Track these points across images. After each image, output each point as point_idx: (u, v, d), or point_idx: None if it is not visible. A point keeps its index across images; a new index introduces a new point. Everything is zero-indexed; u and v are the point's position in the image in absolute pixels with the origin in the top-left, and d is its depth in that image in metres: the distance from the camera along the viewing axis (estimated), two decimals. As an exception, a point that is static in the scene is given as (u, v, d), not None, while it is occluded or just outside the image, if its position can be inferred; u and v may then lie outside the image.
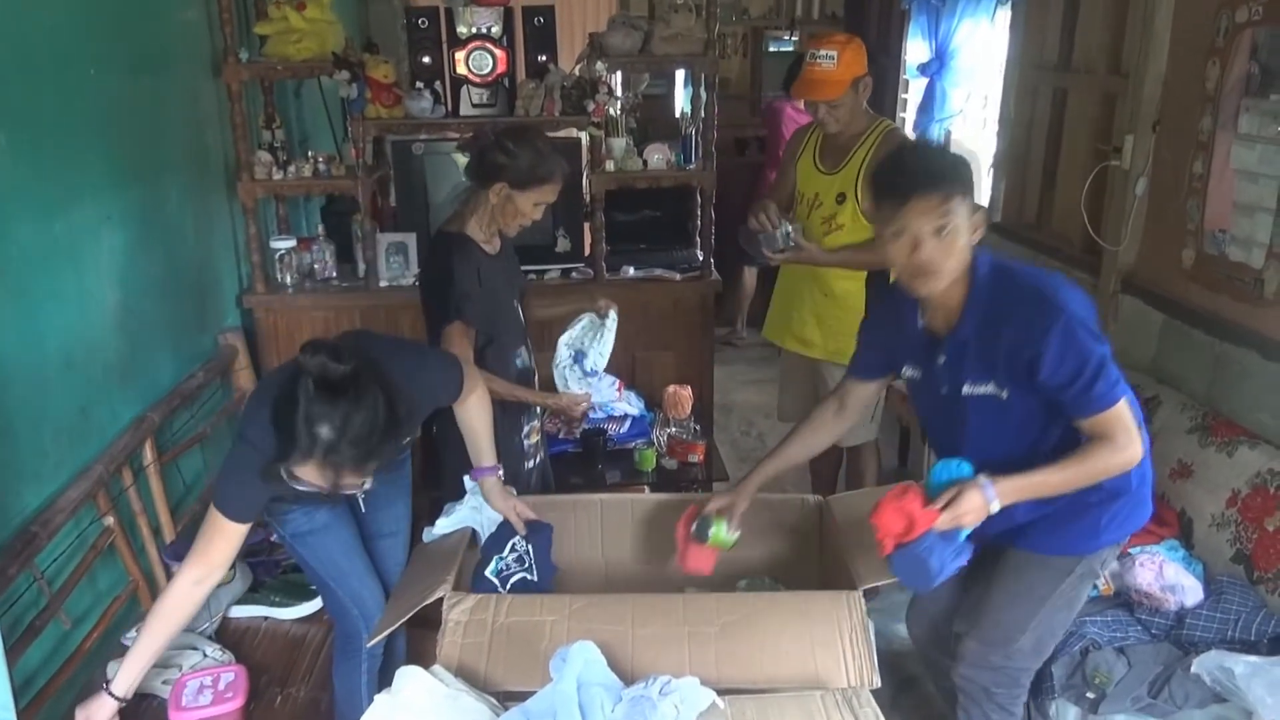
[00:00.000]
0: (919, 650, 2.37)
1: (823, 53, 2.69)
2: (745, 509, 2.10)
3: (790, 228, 2.70)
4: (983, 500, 1.73)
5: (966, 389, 1.85)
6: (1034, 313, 1.74)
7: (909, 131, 4.89)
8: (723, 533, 2.07)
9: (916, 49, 4.79)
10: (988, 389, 1.83)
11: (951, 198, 1.71)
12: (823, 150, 2.92)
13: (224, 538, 1.82)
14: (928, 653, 2.34)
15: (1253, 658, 2.04)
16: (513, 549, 2.12)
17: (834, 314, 2.93)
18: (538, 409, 2.68)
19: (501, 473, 2.20)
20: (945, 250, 1.73)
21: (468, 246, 2.42)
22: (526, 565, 2.10)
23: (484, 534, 2.15)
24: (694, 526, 2.08)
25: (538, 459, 2.69)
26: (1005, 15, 4.14)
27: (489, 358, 2.45)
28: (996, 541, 1.97)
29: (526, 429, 2.63)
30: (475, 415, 2.13)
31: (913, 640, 2.36)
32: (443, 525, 2.16)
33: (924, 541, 1.71)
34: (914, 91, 4.99)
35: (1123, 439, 1.76)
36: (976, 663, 2.08)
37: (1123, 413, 1.76)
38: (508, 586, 2.06)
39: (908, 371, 2.01)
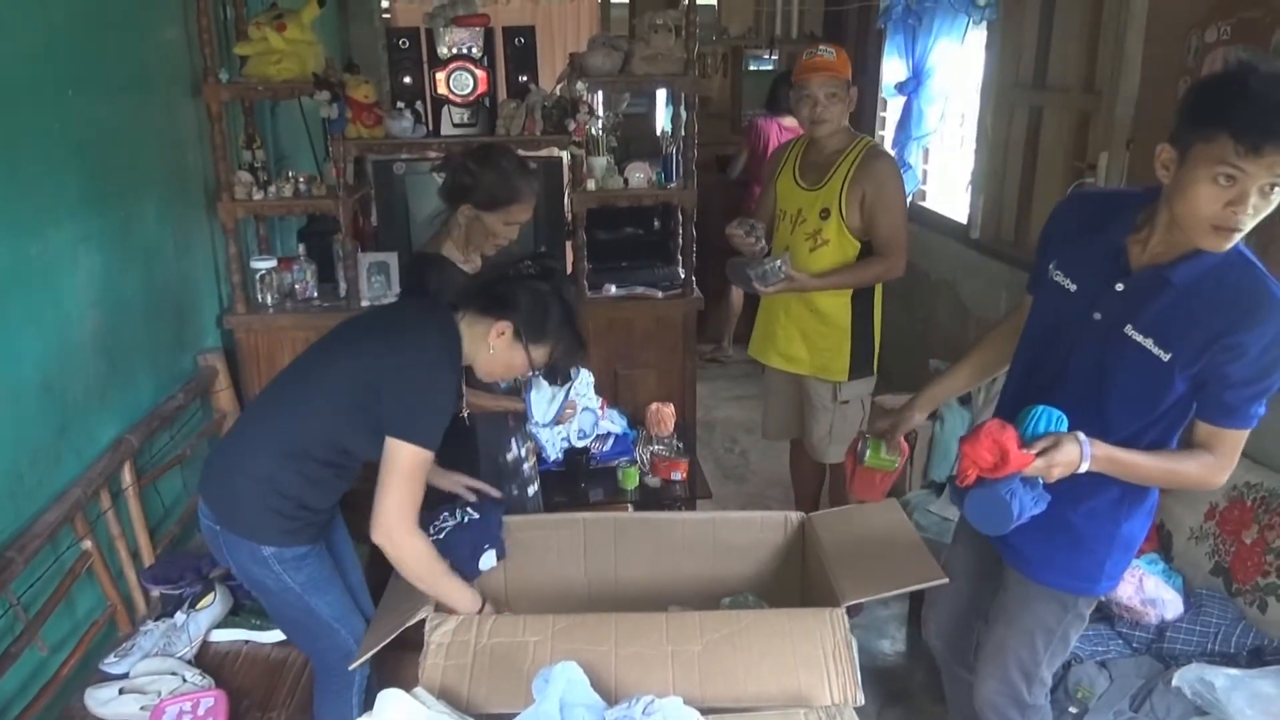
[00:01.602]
0: (935, 655, 2.32)
1: (821, 48, 2.84)
2: (905, 432, 2.05)
3: (780, 261, 2.72)
4: (1078, 457, 1.64)
5: (1129, 329, 1.69)
6: (1264, 304, 1.60)
7: (888, 149, 4.94)
8: (881, 453, 2.02)
9: (893, 68, 4.84)
10: (1149, 342, 1.68)
11: None
12: (803, 167, 2.94)
13: (424, 475, 1.83)
14: (943, 658, 2.30)
15: (1233, 670, 2.06)
16: (451, 516, 2.12)
17: (819, 330, 2.95)
18: (533, 430, 2.68)
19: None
20: (1260, 212, 1.52)
21: (445, 266, 2.43)
22: (461, 519, 2.10)
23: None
24: (858, 448, 2.06)
25: (538, 484, 2.68)
26: (975, 36, 4.20)
27: (471, 378, 2.45)
28: (1010, 560, 1.95)
29: (523, 450, 2.63)
30: None
31: (929, 646, 2.33)
32: None
33: (1009, 483, 1.64)
34: (892, 110, 5.04)
35: (1226, 462, 1.69)
36: (1007, 705, 2.02)
37: (1238, 442, 1.69)
38: (442, 536, 2.05)
39: (1057, 275, 1.83)
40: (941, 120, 4.60)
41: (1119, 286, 1.73)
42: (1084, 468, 1.66)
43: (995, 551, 1.98)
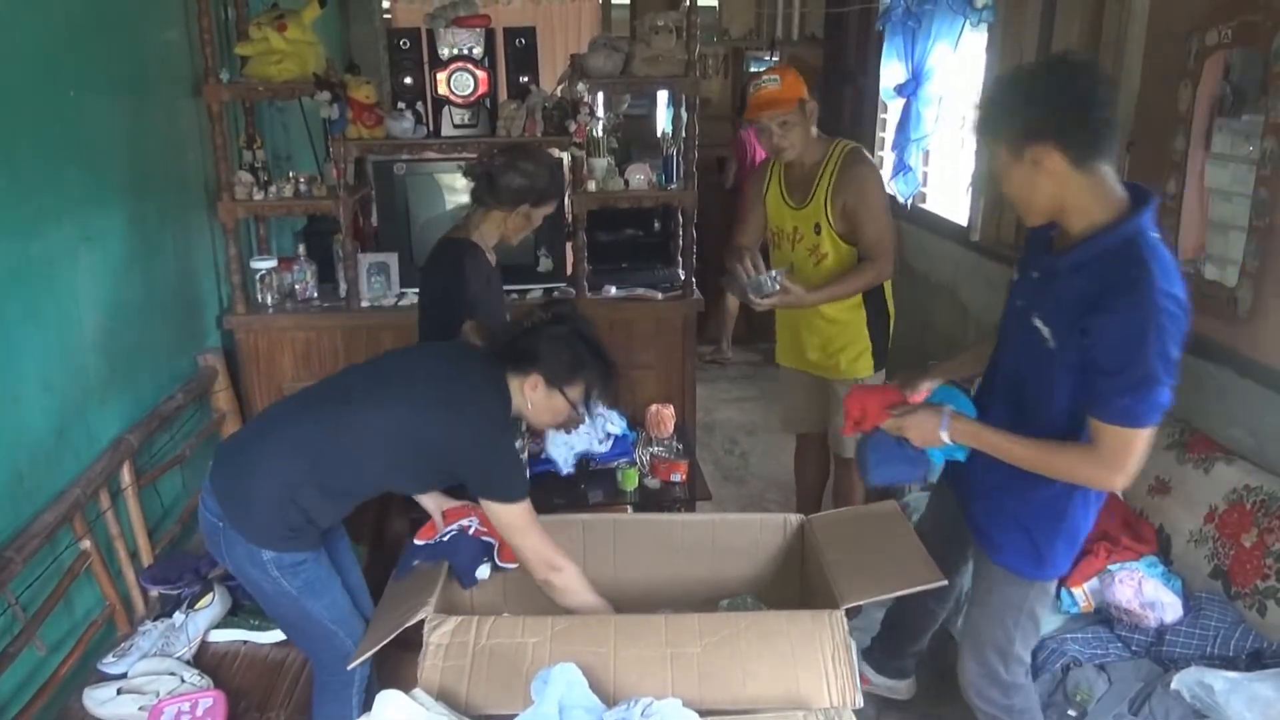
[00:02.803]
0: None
1: (765, 78, 2.84)
2: (913, 392, 2.13)
3: (776, 273, 2.72)
4: (934, 424, 1.85)
5: (1035, 319, 1.78)
6: (1135, 287, 1.60)
7: (888, 151, 4.95)
8: None
9: (892, 70, 4.83)
10: (1046, 331, 1.75)
11: (1021, 145, 1.64)
12: (788, 184, 2.95)
13: (535, 516, 1.95)
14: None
15: (1231, 674, 2.05)
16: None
17: (834, 333, 2.97)
18: (524, 427, 2.70)
19: None
20: (1018, 188, 1.70)
21: (477, 253, 2.51)
22: (467, 528, 2.14)
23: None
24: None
25: (528, 474, 2.72)
26: (973, 38, 4.20)
27: None
28: (976, 540, 2.07)
29: (520, 443, 2.67)
30: None
31: None
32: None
33: (872, 436, 1.96)
34: (893, 111, 5.04)
35: (1110, 461, 1.68)
36: (986, 685, 2.10)
37: (1131, 441, 1.65)
38: (447, 539, 2.12)
39: (1015, 271, 1.95)
40: (936, 123, 4.59)
41: (1034, 274, 1.82)
42: (944, 437, 1.86)
43: (964, 522, 2.11)
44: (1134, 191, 1.71)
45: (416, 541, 2.13)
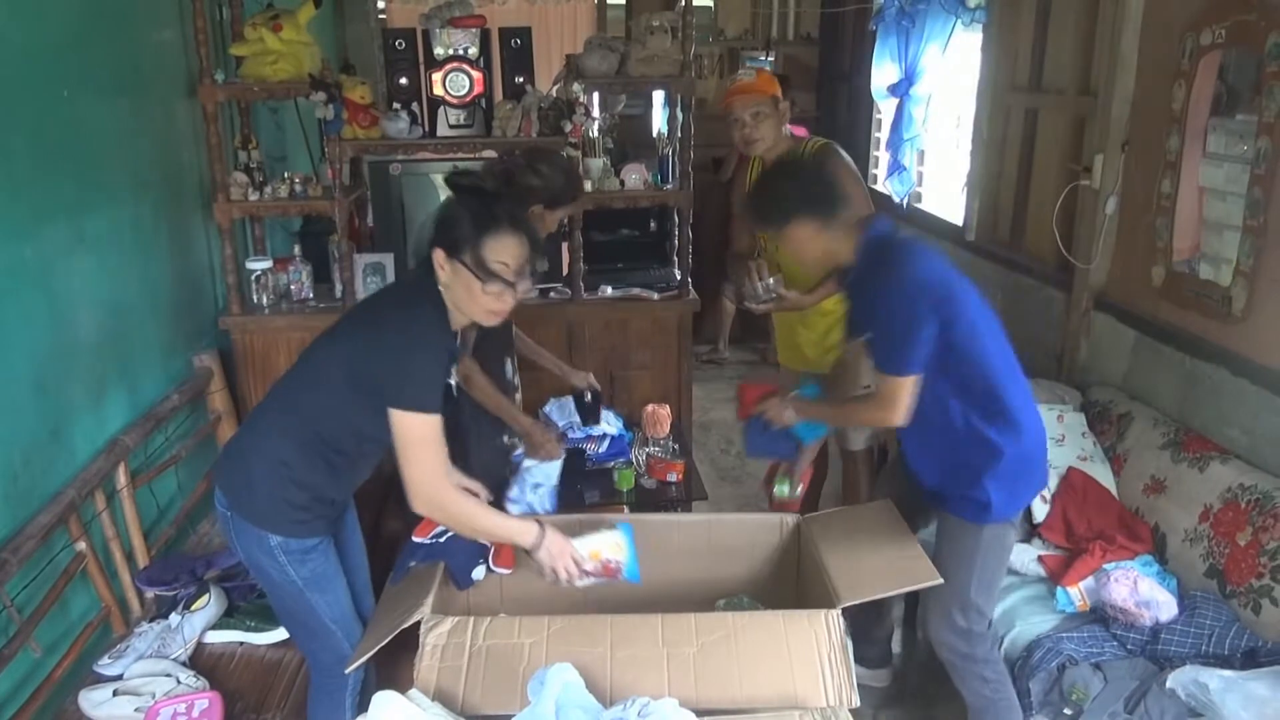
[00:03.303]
0: None
1: (742, 71, 2.96)
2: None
3: (771, 280, 2.75)
4: (779, 410, 2.34)
5: (866, 337, 2.20)
6: (883, 269, 2.09)
7: (883, 151, 4.95)
8: (785, 491, 2.58)
9: (885, 71, 4.84)
10: (867, 336, 2.18)
11: (784, 224, 2.14)
12: None
13: (437, 438, 1.84)
14: None
15: (1227, 672, 2.06)
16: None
17: (829, 325, 2.99)
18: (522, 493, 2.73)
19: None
20: (795, 254, 2.22)
21: None
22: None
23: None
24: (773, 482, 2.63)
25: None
26: (968, 39, 4.20)
27: (491, 368, 2.55)
28: (934, 504, 2.30)
29: (515, 439, 2.69)
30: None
31: None
32: None
33: (751, 420, 2.40)
34: (887, 111, 5.05)
35: (884, 402, 2.12)
36: (945, 632, 2.25)
37: (897, 386, 2.08)
38: (443, 540, 2.09)
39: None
40: (924, 124, 4.60)
41: (852, 306, 2.27)
42: (789, 417, 2.33)
43: (918, 487, 2.33)
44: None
45: (415, 539, 2.12)
